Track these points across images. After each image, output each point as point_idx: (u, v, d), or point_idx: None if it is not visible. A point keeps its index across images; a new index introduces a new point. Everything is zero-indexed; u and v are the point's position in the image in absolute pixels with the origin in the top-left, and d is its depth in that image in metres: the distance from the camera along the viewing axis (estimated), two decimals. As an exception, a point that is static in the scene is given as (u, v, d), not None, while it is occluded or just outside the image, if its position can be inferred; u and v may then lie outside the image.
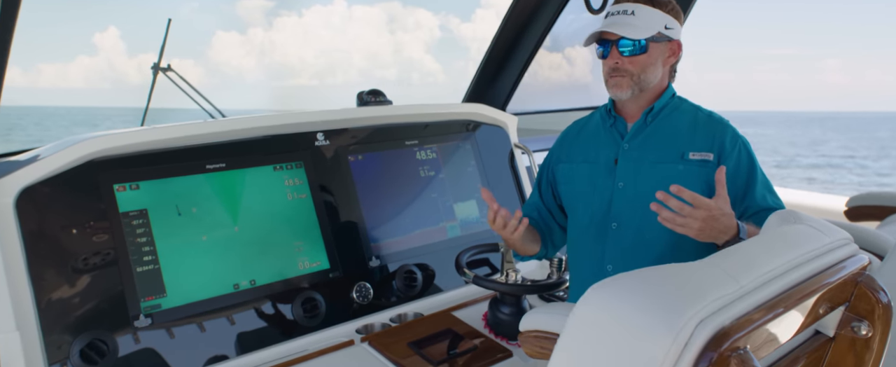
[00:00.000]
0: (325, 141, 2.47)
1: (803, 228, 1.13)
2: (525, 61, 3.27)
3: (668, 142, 1.95)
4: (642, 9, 1.89)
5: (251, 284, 2.19)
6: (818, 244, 1.09)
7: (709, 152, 1.90)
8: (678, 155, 1.91)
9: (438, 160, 2.73)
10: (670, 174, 1.90)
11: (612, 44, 1.90)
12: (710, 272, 0.95)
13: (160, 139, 2.14)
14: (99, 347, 1.91)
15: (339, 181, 2.46)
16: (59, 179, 1.94)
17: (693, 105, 2.03)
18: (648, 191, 1.87)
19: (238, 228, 2.21)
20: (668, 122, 1.97)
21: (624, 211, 1.96)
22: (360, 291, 2.38)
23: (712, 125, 1.95)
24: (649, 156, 1.95)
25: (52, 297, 1.88)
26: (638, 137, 1.99)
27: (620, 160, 1.98)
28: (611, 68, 1.92)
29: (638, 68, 1.90)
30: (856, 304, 1.10)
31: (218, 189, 2.21)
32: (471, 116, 2.87)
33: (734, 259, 1.01)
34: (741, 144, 1.93)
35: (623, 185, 1.97)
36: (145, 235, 2.05)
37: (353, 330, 2.31)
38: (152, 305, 2.01)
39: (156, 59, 2.69)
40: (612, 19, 1.92)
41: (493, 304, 2.39)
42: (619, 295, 0.91)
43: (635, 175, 1.96)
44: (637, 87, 1.92)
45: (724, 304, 0.90)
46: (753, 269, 0.97)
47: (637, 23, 1.88)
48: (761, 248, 1.05)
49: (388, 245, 2.51)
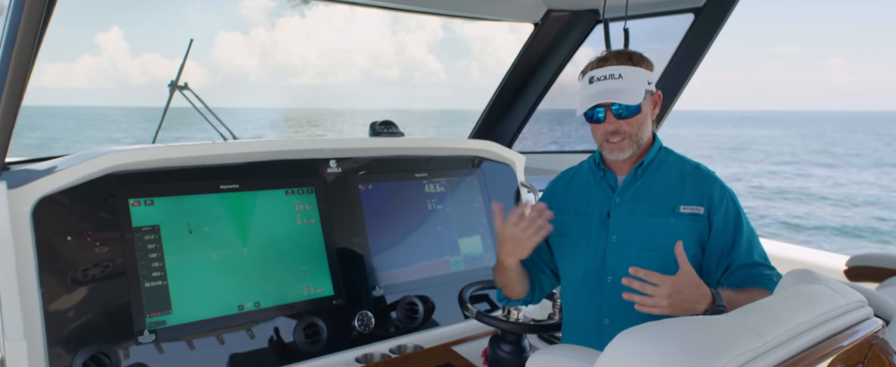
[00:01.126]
0: (338, 168, 2.50)
1: (821, 288, 1.16)
2: (534, 103, 3.32)
3: (659, 195, 1.94)
4: (628, 70, 1.88)
5: (255, 306, 2.19)
6: (835, 305, 1.12)
7: (699, 206, 1.90)
8: (669, 208, 1.91)
9: (446, 194, 2.76)
10: (663, 228, 1.90)
11: (606, 109, 1.89)
12: (735, 327, 0.98)
13: (177, 157, 2.16)
14: (101, 360, 1.91)
15: (348, 209, 2.48)
16: (76, 191, 1.96)
17: (679, 156, 2.02)
18: (643, 244, 1.91)
19: (247, 249, 2.23)
20: (658, 175, 1.97)
21: (619, 264, 1.92)
22: (361, 319, 2.39)
23: (700, 179, 1.95)
24: (641, 209, 1.94)
25: (60, 307, 1.88)
26: (628, 190, 1.98)
27: (613, 214, 1.97)
28: (608, 133, 1.91)
29: (635, 128, 1.91)
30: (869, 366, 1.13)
31: (230, 210, 2.23)
32: (480, 152, 2.91)
33: (758, 315, 1.03)
34: (729, 198, 1.93)
35: (616, 238, 1.95)
36: (156, 250, 2.06)
37: (353, 359, 2.31)
38: (157, 321, 2.02)
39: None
40: (602, 85, 1.89)
41: (493, 341, 2.39)
42: (649, 344, 0.93)
43: (628, 228, 1.94)
44: (635, 145, 1.93)
45: (749, 359, 0.93)
46: (777, 326, 0.99)
47: (627, 86, 1.87)
48: (783, 306, 1.07)
49: (392, 275, 2.52)
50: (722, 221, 1.89)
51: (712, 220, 1.90)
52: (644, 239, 1.91)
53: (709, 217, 1.90)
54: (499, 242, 1.92)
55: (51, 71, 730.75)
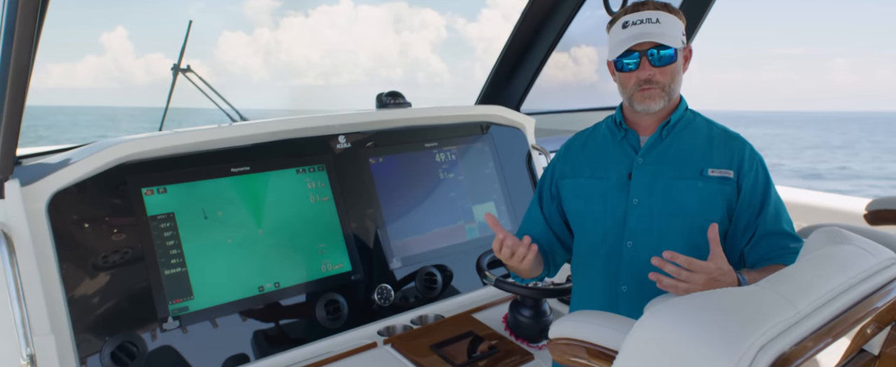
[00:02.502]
0: (347, 144, 2.49)
1: (852, 248, 1.15)
2: (540, 62, 3.28)
3: (686, 157, 1.85)
4: (665, 16, 1.79)
5: (275, 286, 2.20)
6: (866, 266, 1.10)
7: (729, 169, 1.81)
8: (697, 171, 1.82)
9: (457, 162, 2.75)
10: (690, 191, 1.81)
11: (642, 55, 1.78)
12: (767, 297, 0.97)
13: (187, 143, 2.15)
14: (129, 349, 1.93)
15: (359, 184, 2.47)
16: (90, 184, 1.95)
17: (706, 119, 1.94)
18: (666, 208, 1.82)
19: (262, 230, 2.23)
20: (684, 136, 1.88)
21: (640, 229, 1.84)
22: (381, 293, 2.40)
23: (730, 141, 1.87)
24: (666, 172, 1.84)
25: (83, 300, 1.90)
26: (653, 151, 1.87)
27: (635, 175, 1.87)
28: (642, 80, 1.79)
29: (669, 78, 1.80)
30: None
31: (242, 192, 2.22)
32: (489, 117, 2.88)
33: (790, 284, 1.02)
34: (759, 162, 1.85)
35: (638, 201, 1.85)
36: (173, 238, 2.07)
37: (375, 332, 2.33)
38: (180, 307, 2.03)
39: (176, 61, 2.69)
40: (638, 29, 1.78)
41: (513, 307, 2.41)
42: (679, 321, 0.92)
43: (651, 191, 1.84)
44: (668, 97, 1.82)
45: (783, 329, 0.92)
46: (810, 293, 0.98)
47: (665, 31, 1.77)
48: (814, 271, 1.06)
49: (408, 247, 2.53)
50: (751, 185, 1.81)
51: (741, 184, 1.81)
52: (668, 203, 1.82)
53: (738, 181, 1.81)
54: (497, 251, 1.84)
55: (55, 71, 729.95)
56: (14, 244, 1.75)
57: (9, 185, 1.78)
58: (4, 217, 1.77)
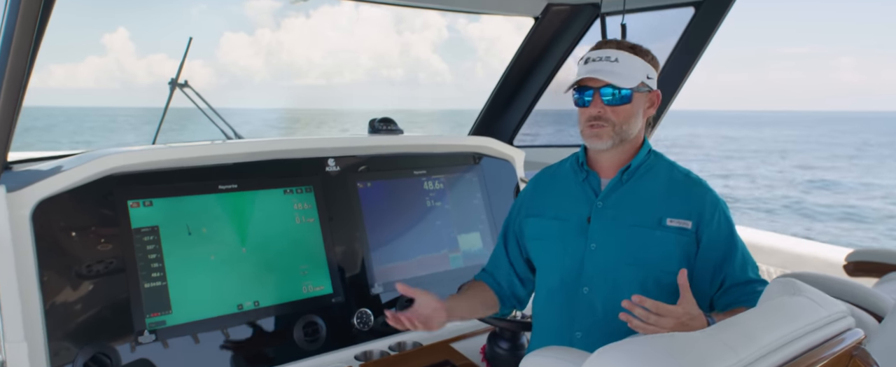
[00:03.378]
0: (336, 167, 2.52)
1: (803, 300, 1.17)
2: (534, 98, 3.32)
3: (645, 204, 1.83)
4: (626, 56, 1.78)
5: (255, 305, 2.22)
6: (816, 318, 1.12)
7: (687, 220, 1.79)
8: (655, 220, 1.80)
9: (445, 191, 2.77)
10: (647, 240, 1.79)
11: (595, 91, 1.78)
12: (710, 344, 0.99)
13: (176, 158, 2.18)
14: (102, 360, 1.94)
15: (346, 207, 2.49)
16: (76, 193, 1.98)
17: (668, 162, 1.91)
18: (623, 256, 1.80)
19: (245, 249, 2.25)
20: (645, 181, 1.86)
21: (596, 276, 1.82)
22: (360, 317, 2.42)
23: (690, 188, 1.84)
24: (625, 218, 1.82)
25: (60, 309, 1.91)
26: (612, 195, 1.86)
27: (593, 219, 1.85)
28: (592, 117, 1.80)
29: (621, 119, 1.79)
30: (850, 377, 1.14)
31: (228, 210, 2.25)
32: (479, 148, 2.91)
33: (734, 331, 1.04)
34: (721, 211, 1.82)
35: (596, 247, 1.83)
36: (155, 251, 2.09)
37: (353, 356, 2.34)
38: (157, 321, 2.05)
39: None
40: (594, 66, 1.78)
41: (491, 338, 2.42)
42: (626, 361, 0.94)
43: (609, 237, 1.82)
44: (618, 137, 1.80)
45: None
46: (752, 342, 1.00)
47: (621, 71, 1.76)
48: (760, 320, 1.08)
49: (391, 273, 2.54)
50: (714, 235, 1.80)
51: (701, 234, 1.80)
52: (625, 251, 1.81)
53: (697, 232, 1.80)
54: None
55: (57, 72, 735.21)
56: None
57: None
58: None
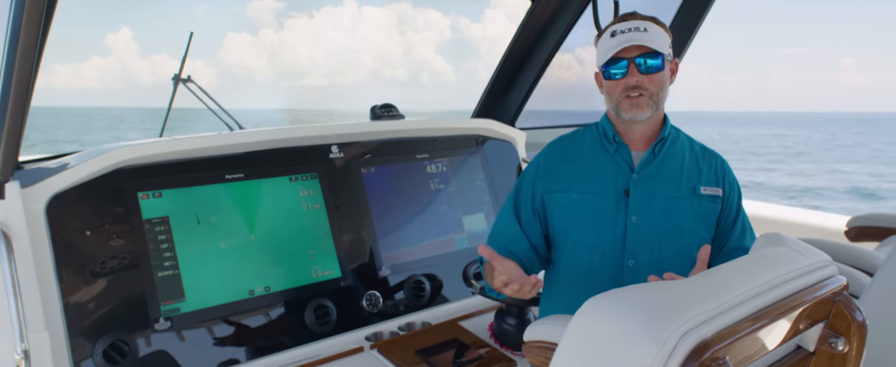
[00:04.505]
0: (340, 153, 2.57)
1: (785, 250, 1.21)
2: (534, 78, 3.35)
3: (678, 175, 1.86)
4: (652, 26, 1.81)
5: (266, 290, 2.27)
6: (797, 266, 1.16)
7: (718, 187, 1.87)
8: (690, 189, 1.85)
9: (448, 174, 2.82)
10: (685, 209, 1.84)
11: (629, 62, 1.78)
12: (694, 289, 1.04)
13: (183, 150, 2.24)
14: (121, 348, 2.01)
15: (351, 193, 2.55)
16: (87, 187, 2.04)
17: (686, 135, 1.97)
18: (666, 226, 1.83)
19: (254, 236, 2.31)
20: (673, 153, 1.90)
21: (640, 248, 1.83)
22: (369, 299, 2.47)
23: (713, 159, 1.92)
24: (661, 189, 1.85)
25: (78, 299, 1.98)
26: (647, 168, 1.87)
27: (632, 192, 1.85)
28: (629, 87, 1.79)
29: (656, 87, 1.80)
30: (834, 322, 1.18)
31: (236, 199, 2.31)
32: (480, 131, 2.96)
33: (717, 278, 1.09)
34: (735, 180, 1.92)
35: (636, 219, 1.84)
36: (167, 241, 2.15)
37: (363, 337, 2.39)
38: (172, 309, 2.11)
39: (180, 64, 2.77)
40: (625, 37, 1.78)
41: (498, 315, 2.46)
42: (613, 307, 0.99)
43: (648, 209, 1.84)
44: (655, 106, 1.82)
45: (705, 318, 0.99)
46: (734, 287, 1.04)
47: (653, 39, 1.78)
48: (742, 269, 1.13)
49: (398, 255, 2.59)
50: (729, 202, 1.89)
51: (726, 201, 1.88)
52: (667, 221, 1.84)
53: (723, 198, 1.88)
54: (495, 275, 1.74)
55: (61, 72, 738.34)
56: (12, 244, 1.84)
57: (9, 186, 1.87)
58: (4, 217, 1.86)
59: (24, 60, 1.64)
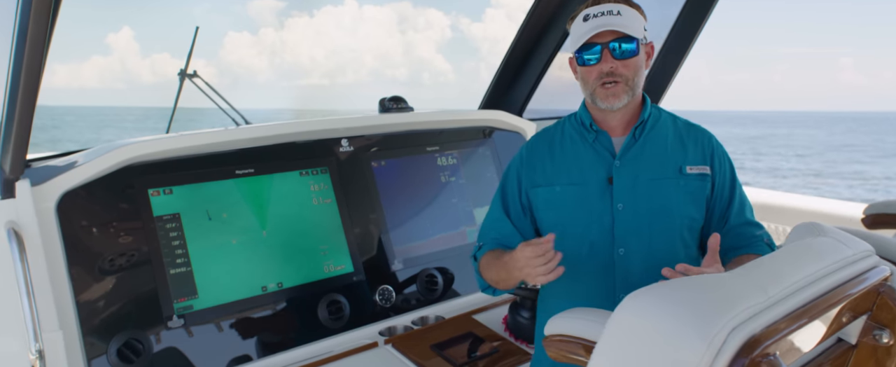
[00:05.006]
0: (350, 147, 2.54)
1: (828, 240, 1.18)
2: (542, 67, 3.32)
3: (662, 156, 1.83)
4: (626, 9, 1.75)
5: (278, 286, 2.25)
6: (841, 256, 1.14)
7: (704, 165, 1.82)
8: (675, 170, 1.81)
9: (458, 166, 2.79)
10: (672, 190, 1.80)
11: (603, 47, 1.73)
12: (740, 283, 1.01)
13: (193, 145, 2.20)
14: (135, 346, 1.98)
15: (362, 186, 2.52)
16: (98, 184, 2.01)
17: (669, 113, 1.92)
18: (653, 209, 1.80)
19: (266, 232, 2.27)
20: (655, 134, 1.86)
21: (629, 235, 1.80)
22: (382, 294, 2.44)
23: (698, 135, 1.87)
24: (645, 173, 1.81)
25: (91, 298, 1.95)
26: (628, 153, 1.83)
27: (616, 179, 1.81)
28: (603, 73, 1.75)
29: (632, 72, 1.75)
30: (878, 313, 1.16)
31: (247, 194, 2.27)
32: (490, 122, 2.92)
33: (762, 271, 1.06)
34: (725, 154, 1.87)
35: (623, 206, 1.80)
36: (178, 238, 2.12)
37: (377, 332, 2.37)
38: (185, 306, 2.08)
39: (182, 63, 2.74)
40: (597, 21, 1.73)
41: (512, 308, 2.44)
42: (656, 303, 0.96)
43: (634, 195, 1.80)
44: (631, 92, 1.78)
45: (754, 313, 0.96)
46: (781, 280, 1.02)
47: (626, 22, 1.72)
48: (788, 260, 1.10)
49: (410, 249, 2.57)
50: (721, 178, 1.84)
51: (715, 178, 1.84)
52: (653, 204, 1.80)
53: (712, 176, 1.83)
54: (514, 262, 1.70)
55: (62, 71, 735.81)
56: (24, 243, 1.80)
57: (20, 184, 1.83)
58: (15, 216, 1.82)
59: (32, 59, 1.61)
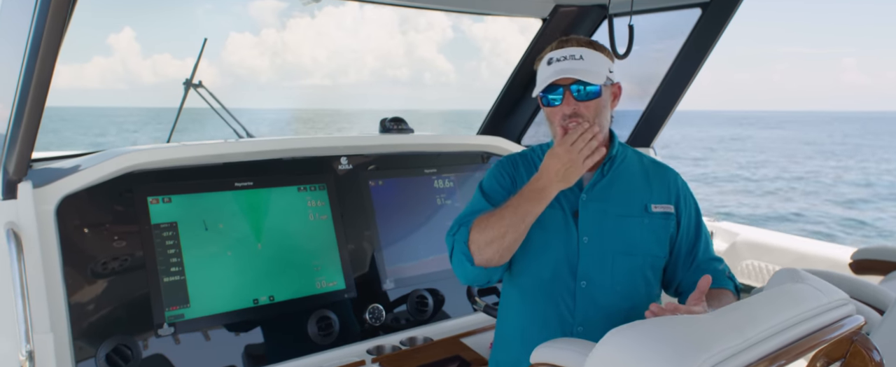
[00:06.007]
0: (349, 165, 2.57)
1: (806, 287, 1.22)
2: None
3: (628, 193, 1.86)
4: (589, 53, 1.80)
5: (270, 299, 2.27)
6: (817, 304, 1.17)
7: (669, 204, 1.86)
8: (641, 207, 1.84)
9: (455, 189, 2.82)
10: (638, 228, 1.83)
11: (565, 89, 1.78)
12: (719, 325, 1.04)
13: (193, 156, 2.24)
14: (123, 352, 2.00)
15: (359, 205, 2.55)
16: (98, 190, 2.04)
17: (635, 151, 1.96)
18: (618, 246, 1.82)
19: (261, 244, 2.30)
20: (622, 171, 1.89)
21: (592, 269, 1.82)
22: (372, 312, 2.47)
23: (664, 174, 1.92)
24: (612, 209, 1.84)
25: (83, 301, 1.97)
26: (595, 187, 1.86)
27: (581, 213, 1.83)
28: (566, 116, 1.78)
29: (593, 113, 1.78)
30: (851, 360, 1.19)
31: (244, 206, 2.30)
32: (488, 147, 2.96)
33: (741, 314, 1.09)
34: (690, 194, 1.91)
35: (588, 240, 1.82)
36: (174, 246, 2.14)
37: (364, 350, 2.38)
38: (176, 314, 2.10)
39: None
40: (560, 66, 1.78)
41: (500, 333, 2.46)
42: (638, 340, 0.99)
43: (600, 230, 1.82)
44: None
45: (731, 354, 0.99)
46: (758, 324, 1.05)
47: (588, 67, 1.77)
48: (765, 305, 1.13)
49: (402, 269, 2.59)
50: (687, 218, 1.89)
51: (680, 217, 1.87)
52: (619, 241, 1.82)
53: (677, 215, 1.87)
54: (549, 165, 1.71)
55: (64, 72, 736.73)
56: (22, 244, 1.83)
57: (22, 186, 1.86)
58: (15, 217, 1.85)
59: (44, 65, 1.65)
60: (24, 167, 1.85)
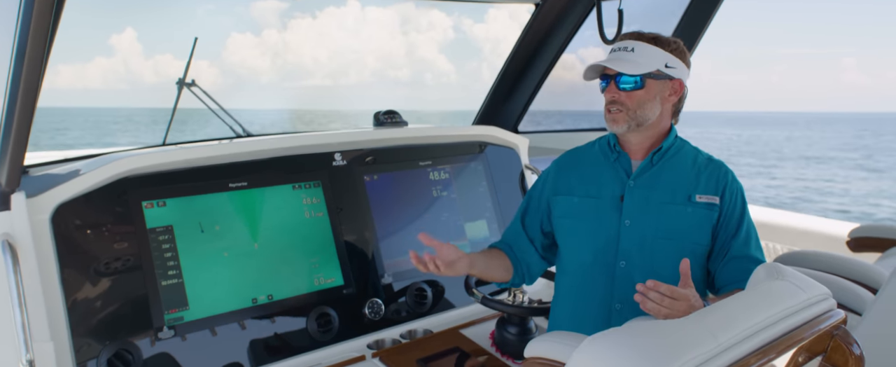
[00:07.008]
0: (343, 161, 2.58)
1: (785, 284, 1.22)
2: (537, 84, 3.35)
3: (674, 183, 1.96)
4: (643, 46, 1.92)
5: (268, 298, 2.29)
6: (796, 301, 1.17)
7: (714, 196, 1.94)
8: (685, 197, 1.94)
9: (450, 180, 2.82)
10: (679, 216, 1.93)
11: (611, 78, 1.94)
12: (692, 330, 1.05)
13: (187, 159, 2.25)
14: (125, 357, 2.02)
15: (354, 200, 2.56)
16: (92, 196, 2.06)
17: (693, 147, 2.06)
18: (658, 231, 1.93)
19: (257, 244, 2.32)
20: (673, 163, 1.99)
21: (632, 250, 1.95)
22: (372, 307, 2.48)
23: (714, 168, 2.00)
24: (656, 196, 1.96)
25: (82, 309, 1.99)
26: (644, 175, 1.99)
27: (627, 198, 1.98)
28: (608, 101, 1.96)
29: (634, 104, 1.92)
30: (831, 355, 1.19)
31: (239, 207, 2.32)
32: (483, 137, 2.96)
33: (717, 317, 1.10)
34: (738, 189, 1.98)
35: (630, 223, 1.96)
36: (171, 250, 2.16)
37: (365, 345, 2.41)
38: (175, 317, 2.12)
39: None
40: (612, 55, 1.96)
41: (499, 323, 2.48)
42: (612, 348, 1.00)
43: (642, 214, 1.96)
44: (633, 122, 1.94)
45: (703, 360, 1.00)
46: (732, 327, 1.06)
47: (636, 59, 1.91)
48: (743, 306, 1.14)
49: (400, 263, 2.60)
50: (729, 209, 1.95)
51: (723, 208, 1.95)
52: (659, 226, 1.93)
53: (721, 206, 1.95)
54: None
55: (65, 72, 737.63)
56: (18, 255, 1.85)
57: (15, 197, 1.88)
58: (10, 228, 1.87)
59: (30, 73, 1.65)
60: (17, 178, 1.87)
